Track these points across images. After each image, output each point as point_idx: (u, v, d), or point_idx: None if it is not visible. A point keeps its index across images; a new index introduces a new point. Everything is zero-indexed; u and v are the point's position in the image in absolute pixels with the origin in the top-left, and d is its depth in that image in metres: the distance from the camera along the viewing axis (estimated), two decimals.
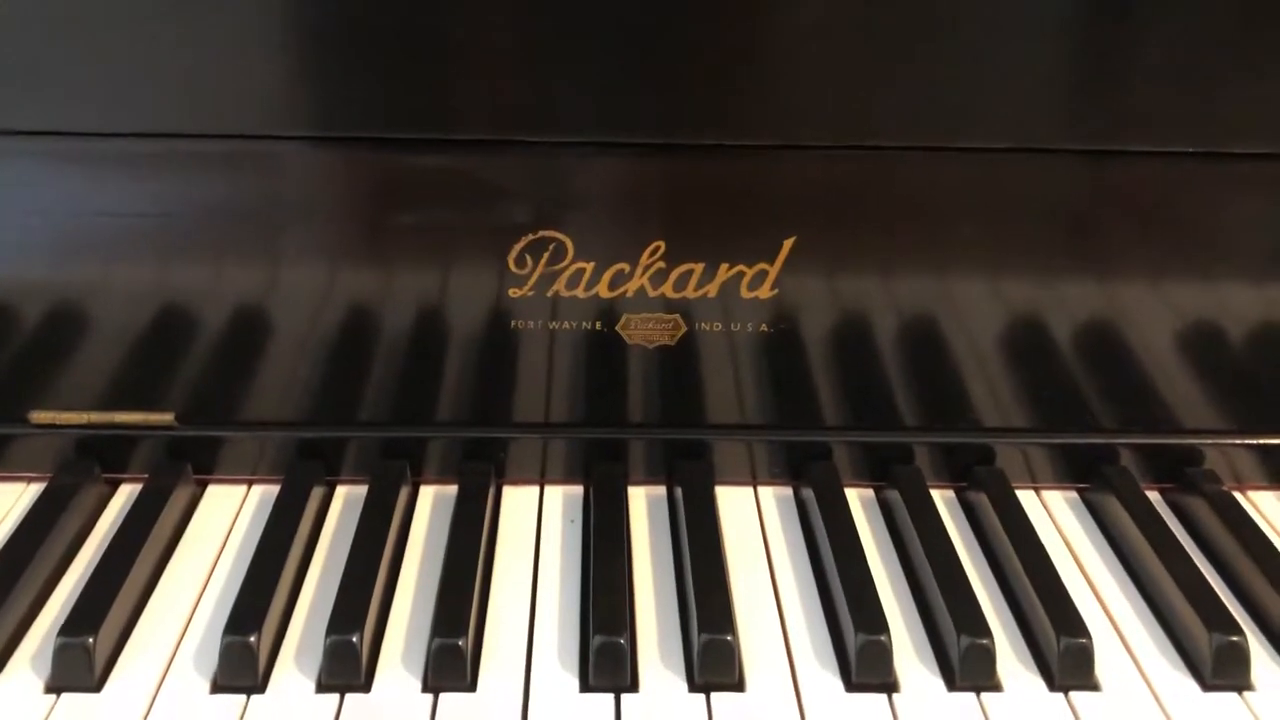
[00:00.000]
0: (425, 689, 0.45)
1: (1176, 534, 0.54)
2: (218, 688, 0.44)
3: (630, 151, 0.50)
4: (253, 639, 0.44)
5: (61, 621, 0.45)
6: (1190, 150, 0.51)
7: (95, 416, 0.55)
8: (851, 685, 0.46)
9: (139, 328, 0.54)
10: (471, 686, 0.45)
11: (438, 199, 0.51)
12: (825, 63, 0.50)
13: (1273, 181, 0.52)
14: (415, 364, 0.55)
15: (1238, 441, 0.57)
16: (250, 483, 0.57)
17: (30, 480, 0.56)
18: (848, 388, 0.56)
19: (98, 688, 0.44)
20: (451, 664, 0.45)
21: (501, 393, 0.56)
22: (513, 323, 0.54)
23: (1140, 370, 0.56)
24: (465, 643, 0.45)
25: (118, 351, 0.54)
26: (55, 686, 0.44)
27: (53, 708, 0.43)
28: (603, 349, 0.54)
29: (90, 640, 0.44)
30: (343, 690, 0.44)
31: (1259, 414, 0.57)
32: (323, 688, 0.44)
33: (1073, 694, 0.46)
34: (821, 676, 0.46)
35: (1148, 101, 0.51)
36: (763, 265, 0.52)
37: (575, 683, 0.45)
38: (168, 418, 0.55)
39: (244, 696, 0.44)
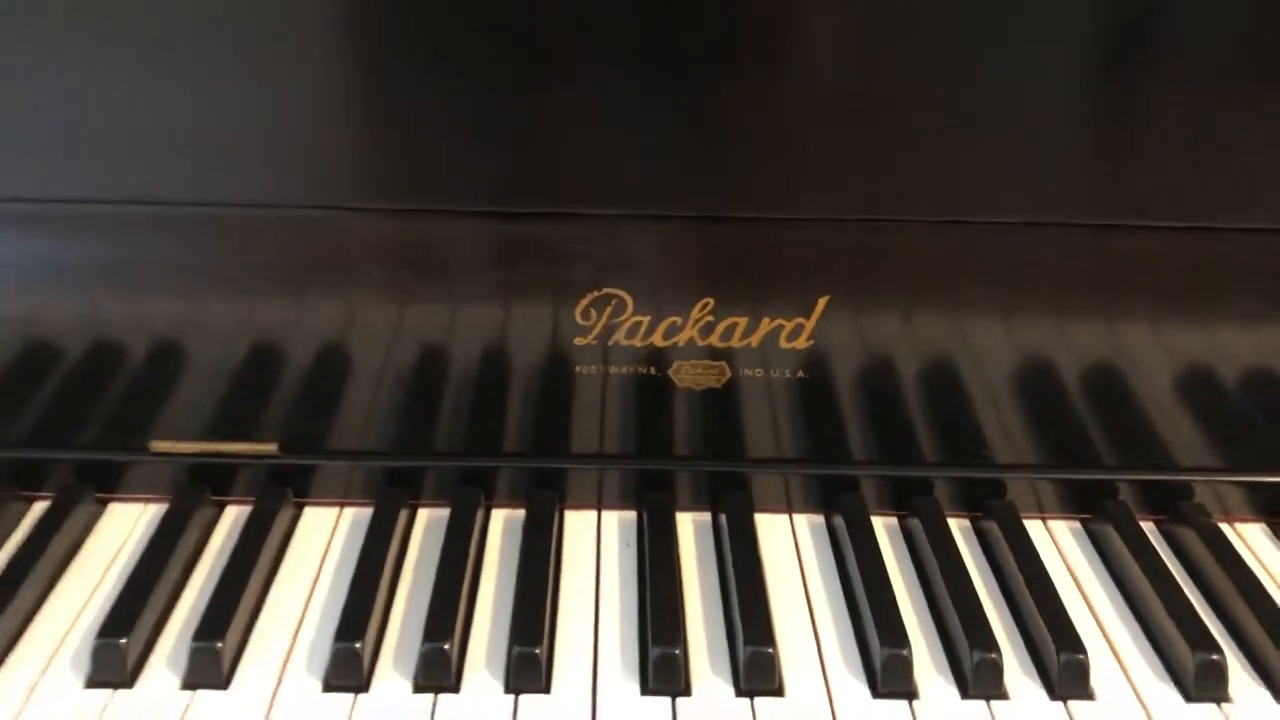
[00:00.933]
0: (507, 690, 0.52)
1: (1167, 561, 0.60)
2: (329, 687, 0.51)
3: (684, 221, 0.57)
4: (359, 645, 0.51)
5: (194, 628, 0.53)
6: (1181, 225, 0.58)
7: (207, 446, 0.62)
8: (877, 693, 0.52)
9: (247, 368, 0.61)
10: (546, 689, 0.52)
11: (516, 260, 0.58)
12: (854, 149, 0.56)
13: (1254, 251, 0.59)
14: (489, 402, 0.62)
15: (1226, 479, 0.64)
16: (342, 505, 0.64)
17: (148, 501, 0.64)
18: (874, 426, 0.62)
19: (225, 685, 0.51)
20: (529, 669, 0.52)
21: (564, 428, 0.63)
22: (577, 367, 0.61)
23: (1138, 413, 0.62)
24: (541, 650, 0.52)
25: (229, 388, 0.62)
26: (190, 684, 0.51)
27: (189, 704, 0.50)
28: (655, 391, 0.61)
29: (219, 644, 0.51)
30: (436, 691, 0.51)
31: (1246, 454, 0.63)
32: (419, 688, 0.51)
33: (1070, 703, 0.52)
34: (851, 684, 0.53)
35: (1147, 181, 0.57)
36: (800, 320, 0.59)
37: (636, 687, 0.52)
38: (272, 448, 0.62)
39: (351, 695, 0.51)
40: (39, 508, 0.62)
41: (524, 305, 0.59)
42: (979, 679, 0.52)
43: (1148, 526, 0.63)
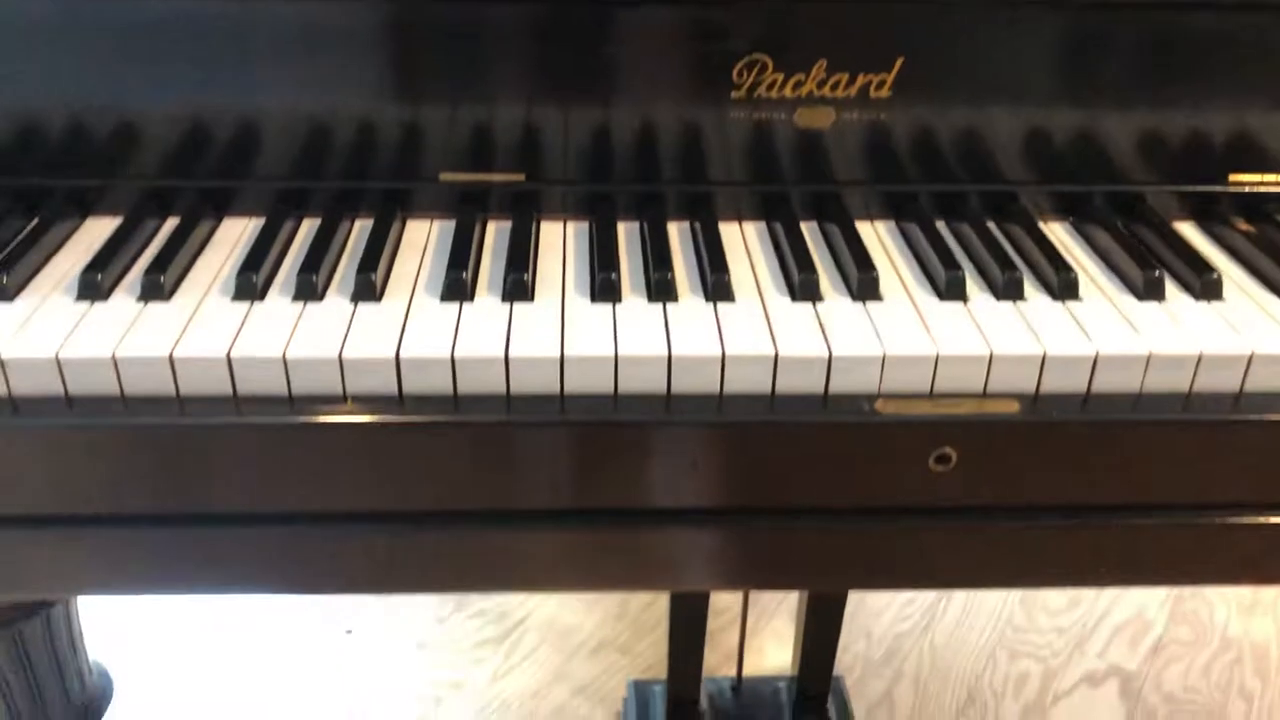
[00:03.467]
0: (503, 300, 0.79)
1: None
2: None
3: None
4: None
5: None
6: None
7: (480, 177, 0.91)
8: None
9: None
10: (531, 299, 0.80)
11: (692, 36, 0.86)
12: None
13: None
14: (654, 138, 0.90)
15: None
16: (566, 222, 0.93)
17: (434, 219, 0.93)
18: (928, 155, 0.92)
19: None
20: (520, 287, 0.80)
21: (719, 162, 0.91)
22: (730, 114, 0.89)
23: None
24: (528, 276, 0.80)
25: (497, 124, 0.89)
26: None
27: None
28: (782, 131, 0.90)
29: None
30: (459, 300, 0.80)
31: None
32: (444, 299, 0.80)
33: (869, 302, 0.82)
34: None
35: None
36: (883, 75, 0.88)
37: (588, 299, 0.80)
38: (520, 177, 0.91)
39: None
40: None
41: (696, 69, 0.88)
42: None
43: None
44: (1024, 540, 0.80)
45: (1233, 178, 0.92)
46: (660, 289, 0.81)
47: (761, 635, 1.83)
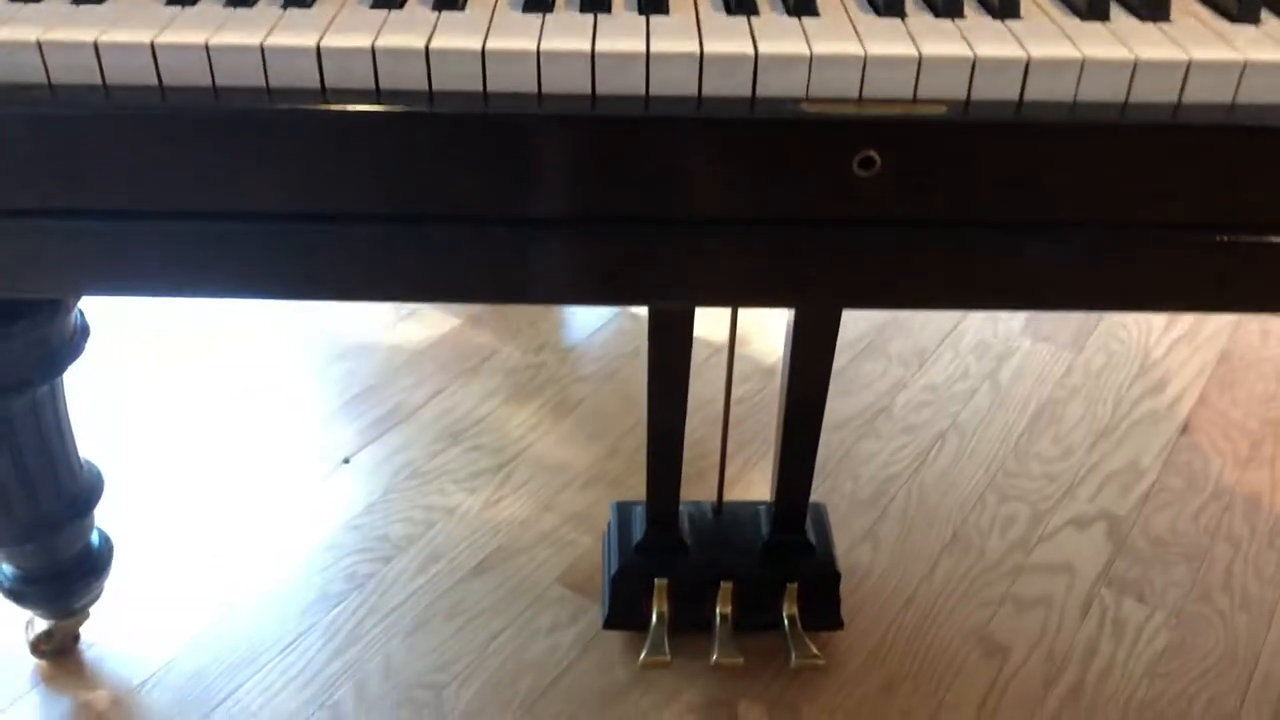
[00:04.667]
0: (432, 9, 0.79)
1: None
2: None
3: None
4: None
5: None
6: None
7: None
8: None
9: None
10: (463, 9, 0.80)
11: None
12: None
13: None
14: None
15: None
16: None
17: None
18: None
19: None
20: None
21: None
22: None
23: None
24: None
25: None
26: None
27: None
28: None
29: None
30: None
31: None
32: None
33: None
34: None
35: None
36: None
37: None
38: None
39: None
40: None
41: None
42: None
43: None
44: (954, 258, 0.80)
45: None
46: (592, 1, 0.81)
47: (749, 473, 1.85)
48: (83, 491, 1.41)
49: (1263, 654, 1.56)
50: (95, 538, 1.49)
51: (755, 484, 1.83)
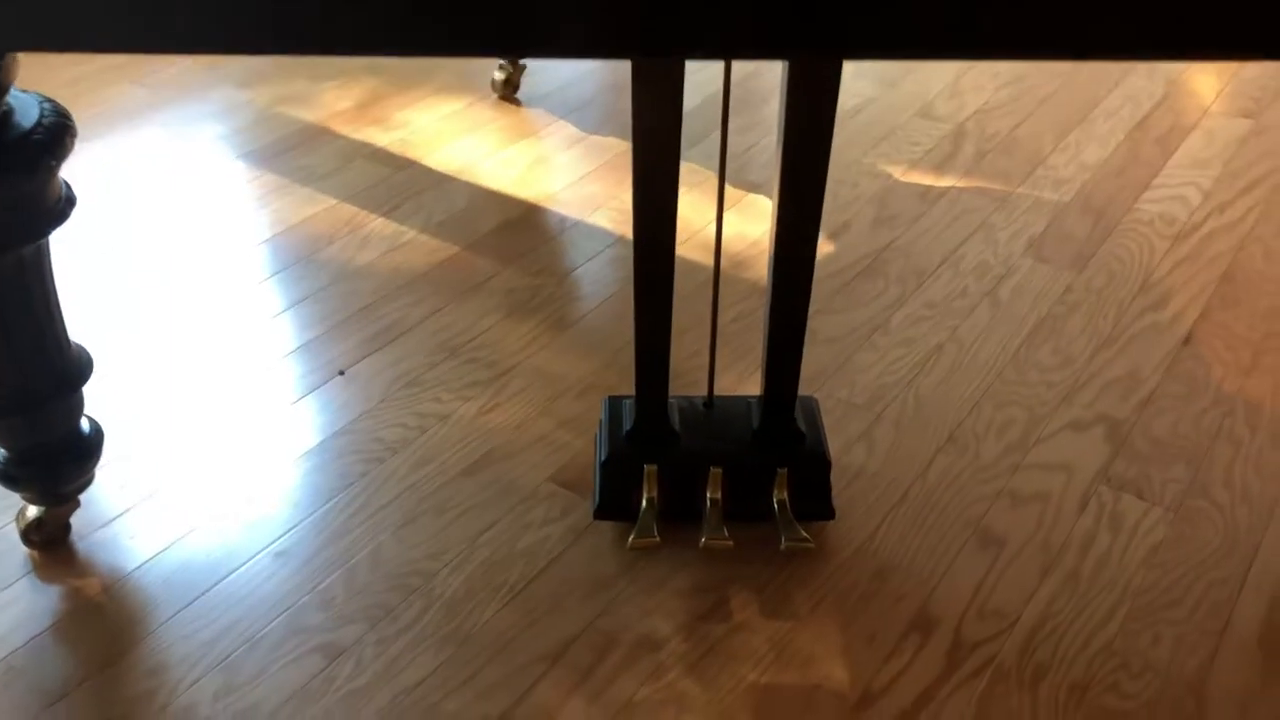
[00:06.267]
0: None
1: None
2: None
3: None
4: None
5: None
6: None
7: None
8: None
9: None
10: None
11: None
12: None
13: None
14: None
15: None
16: None
17: None
18: None
19: None
20: None
21: None
22: None
23: None
24: None
25: None
26: None
27: None
28: None
29: None
30: None
31: None
32: None
33: None
34: None
35: None
36: None
37: None
38: None
39: None
40: None
41: None
42: None
43: None
44: None
45: None
46: None
47: (744, 385, 1.84)
48: (71, 368, 1.42)
49: (1263, 544, 1.54)
50: (85, 425, 1.50)
51: (749, 392, 1.82)
